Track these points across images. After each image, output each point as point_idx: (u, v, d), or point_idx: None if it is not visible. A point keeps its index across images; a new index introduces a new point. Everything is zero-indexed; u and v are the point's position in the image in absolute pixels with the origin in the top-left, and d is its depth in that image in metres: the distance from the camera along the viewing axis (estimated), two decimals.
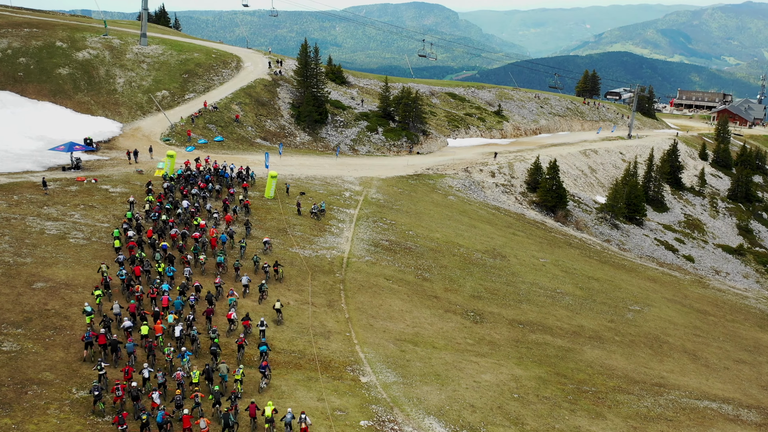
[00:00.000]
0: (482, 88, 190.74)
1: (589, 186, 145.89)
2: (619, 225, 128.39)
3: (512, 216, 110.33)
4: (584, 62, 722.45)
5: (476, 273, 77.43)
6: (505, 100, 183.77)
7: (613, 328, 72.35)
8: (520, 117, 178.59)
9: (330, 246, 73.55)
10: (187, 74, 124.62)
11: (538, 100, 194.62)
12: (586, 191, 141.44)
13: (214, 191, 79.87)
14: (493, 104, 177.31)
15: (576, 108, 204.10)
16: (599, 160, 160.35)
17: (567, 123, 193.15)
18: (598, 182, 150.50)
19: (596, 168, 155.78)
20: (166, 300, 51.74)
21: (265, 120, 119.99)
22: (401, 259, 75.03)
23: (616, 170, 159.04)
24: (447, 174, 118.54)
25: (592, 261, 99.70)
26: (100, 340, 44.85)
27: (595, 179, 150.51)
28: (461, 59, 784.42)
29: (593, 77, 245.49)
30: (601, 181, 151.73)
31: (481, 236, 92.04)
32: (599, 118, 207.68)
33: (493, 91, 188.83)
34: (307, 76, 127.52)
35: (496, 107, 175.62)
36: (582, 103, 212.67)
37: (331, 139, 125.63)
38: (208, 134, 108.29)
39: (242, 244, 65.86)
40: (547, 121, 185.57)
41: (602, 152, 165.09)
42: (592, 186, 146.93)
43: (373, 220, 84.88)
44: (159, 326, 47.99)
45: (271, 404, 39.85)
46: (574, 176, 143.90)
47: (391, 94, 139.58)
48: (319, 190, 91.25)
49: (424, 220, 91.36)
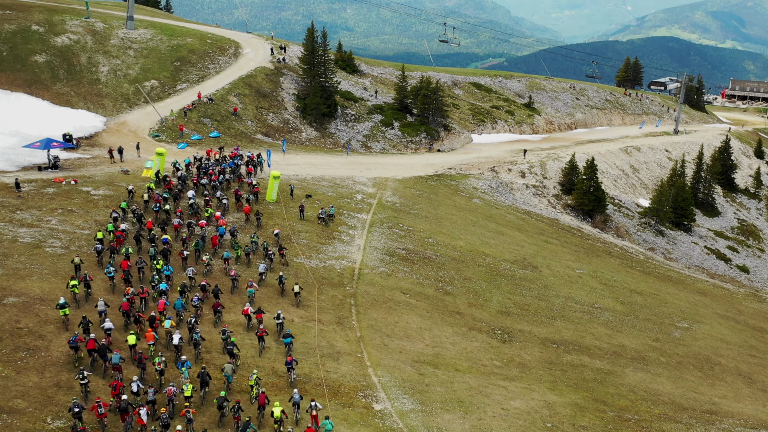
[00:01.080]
0: (511, 77, 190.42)
1: (631, 187, 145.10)
2: (664, 231, 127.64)
3: (544, 221, 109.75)
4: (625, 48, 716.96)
5: (504, 286, 76.98)
6: (537, 91, 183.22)
7: (658, 347, 71.68)
8: (553, 110, 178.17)
9: (339, 255, 73.24)
10: (179, 62, 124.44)
11: (573, 91, 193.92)
12: (627, 193, 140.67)
13: (225, 182, 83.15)
14: (523, 96, 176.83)
15: (616, 100, 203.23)
16: (642, 159, 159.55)
17: (606, 117, 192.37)
18: (641, 183, 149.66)
19: (639, 167, 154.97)
20: (162, 304, 52.61)
21: (267, 113, 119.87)
22: (420, 270, 74.65)
23: (661, 170, 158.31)
24: (471, 174, 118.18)
25: (634, 272, 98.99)
26: (89, 345, 45.03)
27: (637, 180, 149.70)
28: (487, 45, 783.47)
29: (635, 65, 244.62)
30: (644, 181, 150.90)
31: (510, 244, 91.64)
32: (642, 111, 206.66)
33: (523, 80, 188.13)
34: (314, 64, 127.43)
35: (527, 99, 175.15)
36: (623, 94, 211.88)
37: (341, 135, 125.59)
38: (202, 129, 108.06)
39: (254, 239, 68.93)
40: (583, 114, 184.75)
41: (646, 149, 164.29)
42: (634, 187, 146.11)
43: (388, 226, 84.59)
44: (150, 334, 48.30)
45: (279, 404, 42.35)
46: (614, 176, 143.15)
47: (409, 85, 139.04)
48: (327, 193, 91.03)
49: (445, 226, 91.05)
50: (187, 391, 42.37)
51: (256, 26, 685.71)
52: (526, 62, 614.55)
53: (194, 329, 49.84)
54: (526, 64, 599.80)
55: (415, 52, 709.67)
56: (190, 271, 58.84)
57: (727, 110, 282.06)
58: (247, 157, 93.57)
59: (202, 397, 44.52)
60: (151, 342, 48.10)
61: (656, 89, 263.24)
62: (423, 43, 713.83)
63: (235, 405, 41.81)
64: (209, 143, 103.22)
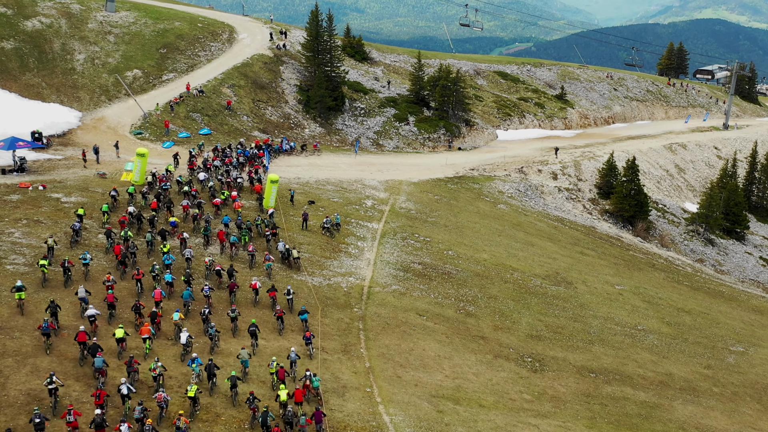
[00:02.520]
0: (540, 65, 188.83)
1: (676, 190, 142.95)
2: (714, 240, 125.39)
3: (579, 229, 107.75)
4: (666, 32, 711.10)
5: (534, 305, 74.98)
6: (570, 81, 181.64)
7: (710, 376, 69.63)
8: (588, 102, 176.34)
9: (346, 271, 71.36)
10: (166, 49, 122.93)
11: (610, 81, 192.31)
12: (672, 197, 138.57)
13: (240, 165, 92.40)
14: (555, 86, 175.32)
15: (659, 91, 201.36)
16: (688, 157, 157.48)
17: (647, 110, 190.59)
18: (687, 185, 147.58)
19: (685, 167, 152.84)
20: (159, 294, 54.66)
21: (265, 107, 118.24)
22: (438, 288, 72.71)
23: (710, 170, 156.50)
24: (496, 176, 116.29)
25: (681, 287, 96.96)
26: (80, 337, 46.31)
27: (683, 181, 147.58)
28: (513, 28, 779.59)
29: (680, 52, 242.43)
30: (690, 183, 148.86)
31: (541, 256, 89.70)
32: (688, 103, 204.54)
33: (554, 69, 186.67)
34: (319, 52, 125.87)
35: (558, 90, 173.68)
36: (666, 84, 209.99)
37: (348, 132, 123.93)
38: (191, 126, 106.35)
39: (257, 221, 74.62)
40: (622, 107, 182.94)
41: (692, 147, 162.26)
42: (680, 190, 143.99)
43: (402, 236, 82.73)
44: (146, 328, 49.49)
45: (284, 387, 46.23)
46: (658, 178, 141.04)
47: (426, 74, 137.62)
48: (333, 198, 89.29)
49: (467, 236, 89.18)
50: (190, 392, 43.83)
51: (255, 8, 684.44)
52: (556, 47, 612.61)
53: (208, 321, 53.13)
54: (556, 50, 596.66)
55: (433, 36, 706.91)
56: (188, 252, 62.62)
57: None
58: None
59: (210, 389, 46.79)
60: (146, 336, 49.11)
61: (702, 78, 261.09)
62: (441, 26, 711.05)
63: (249, 396, 44.63)
64: (199, 141, 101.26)
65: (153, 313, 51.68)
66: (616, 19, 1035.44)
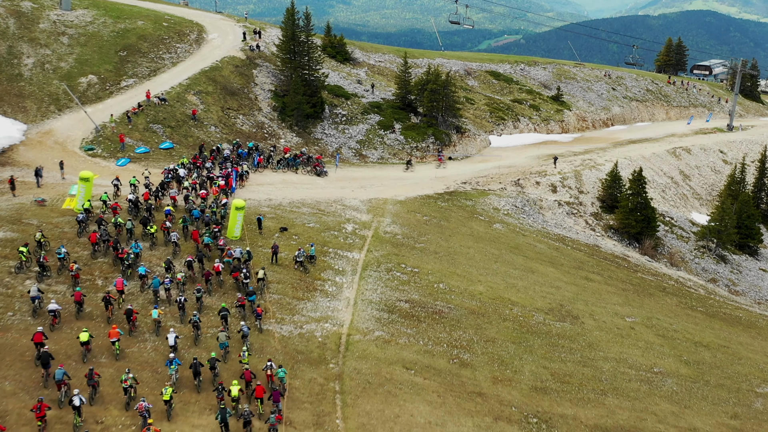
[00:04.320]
0: (535, 64, 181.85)
1: (682, 199, 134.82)
2: (726, 257, 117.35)
3: (582, 249, 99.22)
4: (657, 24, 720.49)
5: (538, 347, 66.57)
6: (566, 81, 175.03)
7: (738, 428, 61.85)
8: (585, 103, 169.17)
9: (321, 316, 62.46)
10: (126, 51, 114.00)
11: (608, 80, 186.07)
12: (678, 207, 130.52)
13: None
14: (550, 86, 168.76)
15: (659, 90, 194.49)
16: (693, 162, 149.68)
17: (647, 110, 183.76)
18: (693, 193, 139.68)
19: (690, 173, 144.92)
20: (120, 283, 56.50)
21: (236, 116, 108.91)
22: (428, 332, 64.00)
23: (716, 175, 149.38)
24: (491, 190, 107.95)
25: (695, 315, 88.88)
26: (35, 338, 47.25)
27: (688, 189, 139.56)
28: (502, 20, 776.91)
29: (678, 48, 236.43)
30: (696, 191, 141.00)
31: (542, 285, 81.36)
32: (689, 102, 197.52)
33: (549, 68, 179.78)
34: (296, 53, 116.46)
35: (554, 90, 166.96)
36: (666, 82, 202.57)
37: (329, 141, 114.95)
38: (151, 139, 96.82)
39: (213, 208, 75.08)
40: (621, 108, 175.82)
41: (697, 151, 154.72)
42: (685, 199, 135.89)
43: (387, 267, 73.94)
44: (114, 330, 49.91)
45: (237, 383, 47.45)
46: (663, 186, 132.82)
47: (413, 76, 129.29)
48: (308, 224, 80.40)
49: (460, 264, 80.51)
50: (165, 395, 44.66)
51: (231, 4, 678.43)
52: (546, 40, 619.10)
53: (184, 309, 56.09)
54: (545, 42, 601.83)
55: (421, 29, 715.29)
56: (173, 236, 66.25)
57: None
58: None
59: (197, 386, 48.41)
60: (114, 339, 49.46)
61: (700, 74, 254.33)
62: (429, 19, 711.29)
63: (218, 386, 46.39)
64: (159, 156, 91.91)
65: (128, 311, 52.43)
66: (605, 11, 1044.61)
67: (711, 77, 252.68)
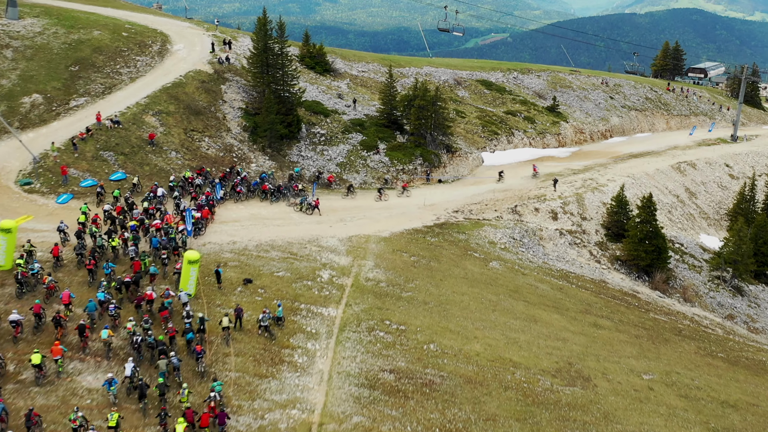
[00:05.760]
0: (528, 72, 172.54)
1: (689, 219, 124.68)
2: (743, 288, 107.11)
3: (588, 287, 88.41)
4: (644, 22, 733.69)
5: (546, 424, 55.34)
6: (561, 89, 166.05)
7: None
8: (582, 114, 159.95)
9: (288, 399, 51.04)
10: (78, 66, 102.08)
11: (606, 88, 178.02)
12: (686, 229, 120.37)
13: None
14: (545, 96, 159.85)
15: (658, 98, 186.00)
16: (699, 178, 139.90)
17: (647, 120, 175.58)
18: (700, 212, 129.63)
19: (696, 190, 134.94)
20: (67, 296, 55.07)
21: (201, 138, 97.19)
22: (417, 412, 52.63)
23: (723, 192, 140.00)
24: (486, 219, 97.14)
25: (717, 363, 78.13)
26: None
27: (695, 208, 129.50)
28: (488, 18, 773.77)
29: (676, 51, 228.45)
30: (703, 210, 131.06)
31: (547, 338, 70.27)
32: (689, 111, 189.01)
33: (544, 75, 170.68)
34: (269, 66, 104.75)
35: (549, 100, 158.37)
36: (665, 89, 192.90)
37: (306, 164, 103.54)
38: (100, 169, 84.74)
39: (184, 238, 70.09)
40: (619, 118, 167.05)
41: (702, 165, 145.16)
42: (693, 219, 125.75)
43: (368, 326, 62.55)
44: (57, 348, 48.93)
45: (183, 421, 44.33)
46: (669, 206, 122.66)
47: (399, 89, 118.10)
48: (277, 272, 68.78)
49: (453, 316, 69.23)
50: (111, 421, 43.42)
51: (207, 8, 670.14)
52: (533, 38, 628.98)
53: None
54: (533, 41, 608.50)
55: (408, 27, 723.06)
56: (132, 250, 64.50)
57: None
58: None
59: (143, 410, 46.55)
60: (57, 357, 48.51)
61: (695, 77, 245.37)
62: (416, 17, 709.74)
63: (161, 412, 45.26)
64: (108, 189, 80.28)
65: (81, 326, 51.19)
66: (592, 9, 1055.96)
67: (706, 80, 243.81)
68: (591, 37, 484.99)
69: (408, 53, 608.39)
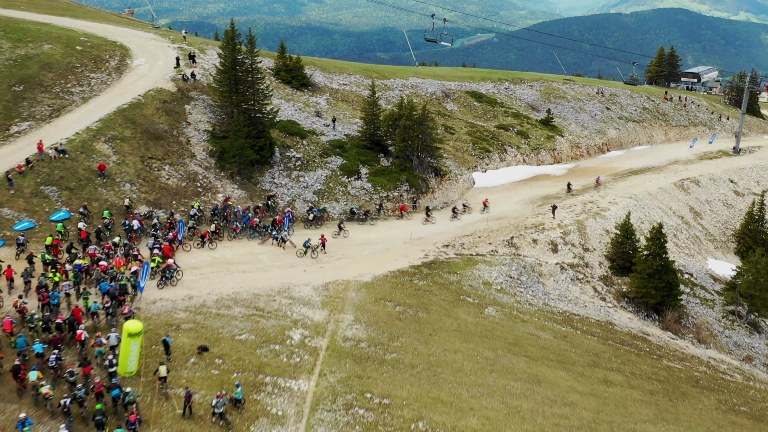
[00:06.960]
0: (520, 82, 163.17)
1: (695, 243, 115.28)
2: (759, 324, 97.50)
3: (595, 332, 78.72)
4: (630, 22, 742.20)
5: None
6: (555, 101, 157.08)
7: None
8: (578, 127, 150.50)
9: None
10: (23, 85, 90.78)
11: (601, 98, 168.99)
12: (693, 254, 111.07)
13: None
14: (539, 108, 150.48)
15: (655, 108, 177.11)
16: (703, 196, 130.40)
17: (645, 132, 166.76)
18: (706, 234, 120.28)
19: (701, 210, 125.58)
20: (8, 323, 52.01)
21: (161, 167, 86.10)
22: None
23: (729, 211, 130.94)
24: (479, 255, 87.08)
25: (740, 420, 68.63)
26: None
27: (701, 230, 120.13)
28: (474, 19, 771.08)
29: (671, 57, 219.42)
30: (709, 231, 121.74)
31: (553, 403, 60.43)
32: (689, 121, 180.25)
33: (536, 86, 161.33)
34: (238, 83, 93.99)
35: (543, 113, 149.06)
36: (663, 98, 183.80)
37: (279, 193, 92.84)
38: (40, 208, 73.55)
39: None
40: (617, 130, 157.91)
41: (706, 182, 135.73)
42: (699, 243, 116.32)
43: (346, 403, 52.50)
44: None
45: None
46: (674, 228, 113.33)
47: (383, 105, 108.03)
48: (239, 335, 58.39)
49: (445, 383, 59.17)
50: None
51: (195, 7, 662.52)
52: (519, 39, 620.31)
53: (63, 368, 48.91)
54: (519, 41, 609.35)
55: (393, 27, 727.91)
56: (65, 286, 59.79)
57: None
58: None
59: None
60: None
61: (688, 82, 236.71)
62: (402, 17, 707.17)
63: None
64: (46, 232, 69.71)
65: (15, 368, 46.64)
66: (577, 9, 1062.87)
67: (699, 85, 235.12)
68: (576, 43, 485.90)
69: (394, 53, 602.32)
